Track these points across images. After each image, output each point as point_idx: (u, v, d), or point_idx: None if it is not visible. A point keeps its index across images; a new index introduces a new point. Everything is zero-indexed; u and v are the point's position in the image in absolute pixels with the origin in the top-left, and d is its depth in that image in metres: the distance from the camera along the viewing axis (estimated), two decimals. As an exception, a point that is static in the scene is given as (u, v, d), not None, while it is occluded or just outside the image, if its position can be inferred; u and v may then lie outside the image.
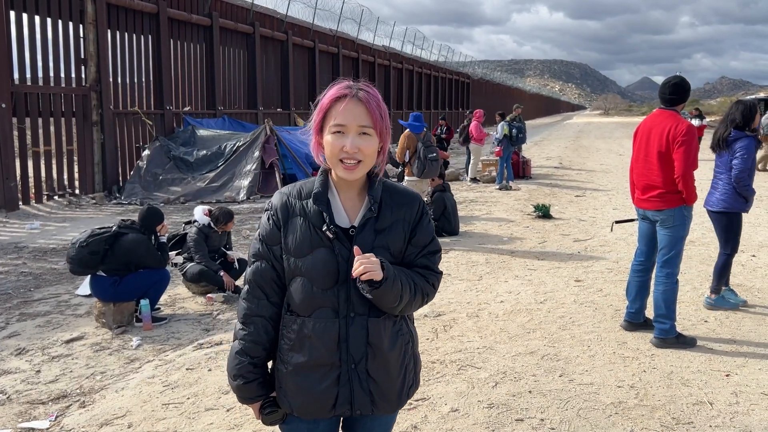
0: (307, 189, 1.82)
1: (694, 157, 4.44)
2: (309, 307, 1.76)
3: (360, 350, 1.78)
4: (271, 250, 1.80)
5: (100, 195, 12.39)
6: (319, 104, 1.77)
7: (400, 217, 1.82)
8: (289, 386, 1.81)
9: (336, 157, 1.72)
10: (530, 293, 6.01)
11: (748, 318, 5.22)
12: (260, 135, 13.12)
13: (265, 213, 1.85)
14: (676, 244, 4.58)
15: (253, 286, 1.82)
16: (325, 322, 1.75)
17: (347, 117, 1.71)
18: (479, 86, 50.44)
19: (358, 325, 1.76)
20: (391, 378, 1.84)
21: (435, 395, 3.83)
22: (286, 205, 1.80)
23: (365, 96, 1.73)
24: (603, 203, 11.84)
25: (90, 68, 12.37)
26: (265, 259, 1.81)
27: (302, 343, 1.78)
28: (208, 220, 5.98)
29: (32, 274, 6.87)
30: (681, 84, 4.62)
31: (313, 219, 1.76)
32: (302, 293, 1.76)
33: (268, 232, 1.81)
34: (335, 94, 1.74)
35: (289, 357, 1.80)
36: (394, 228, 1.81)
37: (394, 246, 1.80)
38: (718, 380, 4.03)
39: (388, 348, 1.81)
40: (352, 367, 1.78)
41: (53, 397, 3.93)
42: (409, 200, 1.85)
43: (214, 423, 3.53)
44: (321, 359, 1.77)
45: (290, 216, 1.79)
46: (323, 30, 23.20)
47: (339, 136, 1.72)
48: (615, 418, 3.54)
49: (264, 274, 1.81)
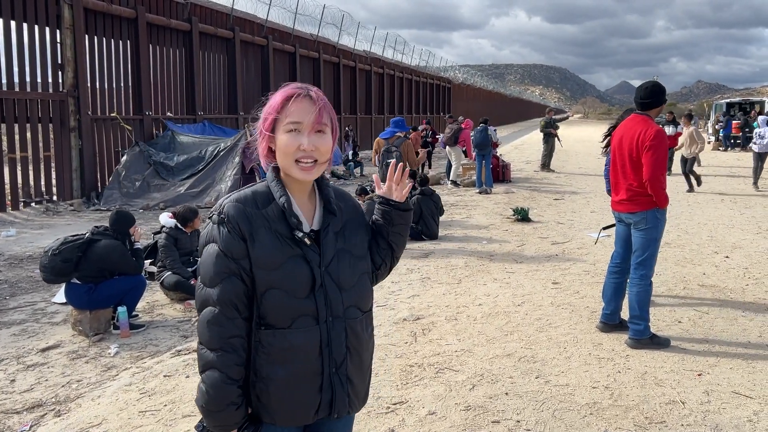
0: (261, 197, 1.73)
1: (662, 161, 4.53)
2: (288, 318, 1.69)
3: (341, 353, 1.76)
4: (239, 264, 1.67)
5: (78, 201, 12.26)
6: (269, 105, 1.72)
7: (351, 217, 1.85)
8: (269, 399, 1.73)
9: (291, 157, 1.68)
10: (508, 296, 6.07)
11: (721, 319, 5.32)
12: (240, 140, 13.08)
13: (218, 225, 1.68)
14: (649, 246, 4.66)
15: (225, 307, 1.66)
16: (306, 330, 1.70)
17: (302, 114, 1.68)
18: (460, 91, 50.72)
19: (338, 329, 1.75)
20: (364, 377, 1.87)
21: (413, 398, 3.85)
22: (245, 215, 1.68)
23: (317, 95, 1.72)
24: (581, 206, 11.97)
25: (67, 73, 12.25)
26: (233, 275, 1.66)
27: (283, 356, 1.70)
28: (175, 222, 6.01)
29: (7, 282, 6.78)
30: (655, 89, 4.71)
31: (279, 227, 1.70)
32: (279, 305, 1.68)
33: (230, 244, 1.66)
34: (287, 93, 1.70)
35: (267, 371, 1.71)
36: (348, 227, 1.82)
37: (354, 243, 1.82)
38: (691, 380, 4.11)
39: (363, 349, 1.83)
40: (333, 371, 1.76)
41: (28, 406, 3.89)
42: (353, 201, 1.92)
43: (191, 430, 3.52)
44: (303, 368, 1.72)
45: (254, 227, 1.68)
46: (304, 35, 23.20)
47: (294, 135, 1.68)
48: (589, 418, 3.59)
49: (236, 290, 1.67)
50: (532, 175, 17.88)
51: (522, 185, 15.46)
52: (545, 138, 18.52)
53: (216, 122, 16.40)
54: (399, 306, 5.76)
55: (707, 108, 43.59)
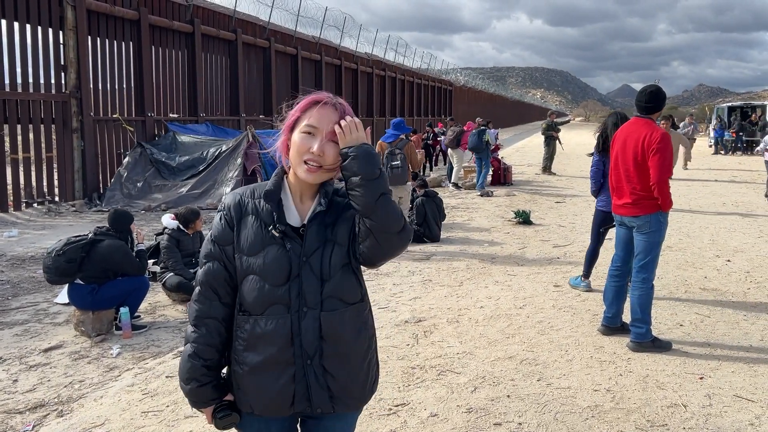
0: (260, 189, 1.85)
1: (669, 165, 4.55)
2: (261, 305, 1.77)
3: (313, 345, 1.77)
4: (223, 251, 1.81)
5: (80, 202, 12.28)
6: (296, 105, 1.82)
7: (348, 216, 1.83)
8: (246, 386, 1.81)
9: (301, 156, 1.76)
10: (510, 299, 6.07)
11: (722, 322, 5.32)
12: (242, 141, 13.10)
13: (217, 213, 1.87)
14: (652, 250, 4.67)
15: (205, 287, 1.82)
16: (277, 318, 1.76)
17: (321, 120, 1.76)
18: (462, 93, 50.76)
19: (310, 319, 1.76)
20: (353, 373, 1.84)
21: (414, 400, 3.86)
22: (239, 203, 1.83)
23: (342, 107, 1.80)
24: (582, 209, 11.97)
25: (70, 75, 12.28)
26: (217, 260, 1.82)
27: (256, 343, 1.78)
28: (177, 224, 6.02)
29: (10, 283, 6.79)
30: (657, 93, 4.72)
31: (265, 217, 1.80)
32: (255, 291, 1.77)
33: (220, 232, 1.82)
34: (315, 98, 1.80)
35: (243, 357, 1.80)
36: (339, 223, 1.82)
37: (342, 234, 1.81)
38: (692, 383, 4.11)
39: (347, 342, 1.81)
40: (308, 362, 1.78)
41: (31, 406, 3.90)
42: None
43: (193, 431, 3.53)
44: (275, 357, 1.77)
45: (243, 215, 1.81)
46: (306, 37, 23.23)
47: (308, 137, 1.76)
48: (591, 421, 3.60)
49: (216, 274, 1.81)
50: (534, 177, 17.89)
51: (523, 188, 15.46)
52: (546, 141, 18.55)
53: (218, 124, 16.42)
54: (401, 308, 5.77)
55: (708, 112, 43.57)
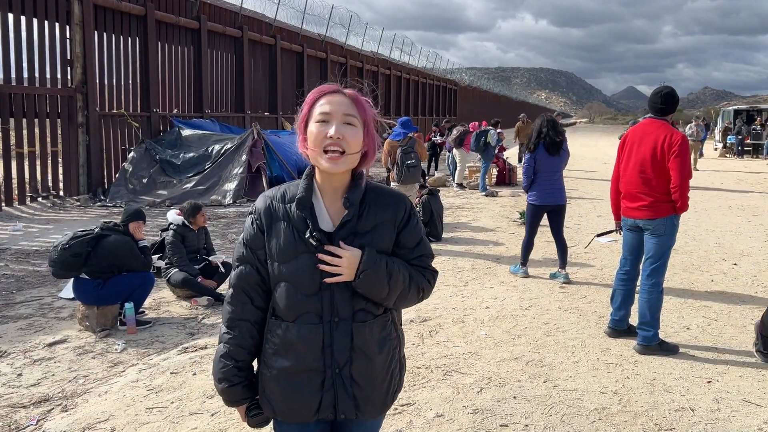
0: (291, 192, 1.80)
1: (690, 167, 4.54)
2: (293, 313, 1.76)
3: (344, 355, 1.77)
4: (255, 254, 1.80)
5: (85, 197, 12.29)
6: (305, 99, 1.80)
7: (386, 219, 1.79)
8: (272, 390, 1.81)
9: (320, 146, 1.71)
10: (515, 299, 6.04)
11: (730, 326, 5.29)
12: (247, 138, 13.09)
13: (249, 216, 1.84)
14: (664, 254, 4.62)
15: (238, 291, 1.82)
16: (310, 327, 1.75)
17: (332, 105, 1.73)
18: (466, 93, 50.69)
19: (342, 330, 1.75)
20: (377, 382, 1.83)
21: (420, 400, 3.83)
22: (269, 209, 1.79)
23: (352, 92, 1.78)
24: (587, 210, 11.94)
25: (76, 69, 12.28)
26: (249, 263, 1.81)
27: (287, 348, 1.77)
28: (182, 219, 6.03)
29: (14, 277, 6.79)
30: (672, 94, 4.70)
31: (297, 224, 1.75)
32: (286, 298, 1.75)
33: (252, 236, 1.80)
34: (322, 89, 1.78)
35: (273, 361, 1.79)
36: (379, 230, 1.78)
37: (379, 248, 1.77)
38: (700, 387, 4.08)
39: (374, 353, 1.80)
40: (337, 371, 1.77)
41: (35, 400, 3.88)
42: (394, 201, 1.83)
43: (198, 427, 3.51)
44: (305, 364, 1.76)
45: (274, 220, 1.78)
46: (312, 35, 23.22)
47: (323, 125, 1.72)
48: (598, 424, 3.57)
49: (248, 278, 1.80)
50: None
51: (528, 189, 15.40)
52: None
53: (223, 121, 16.42)
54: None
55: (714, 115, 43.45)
